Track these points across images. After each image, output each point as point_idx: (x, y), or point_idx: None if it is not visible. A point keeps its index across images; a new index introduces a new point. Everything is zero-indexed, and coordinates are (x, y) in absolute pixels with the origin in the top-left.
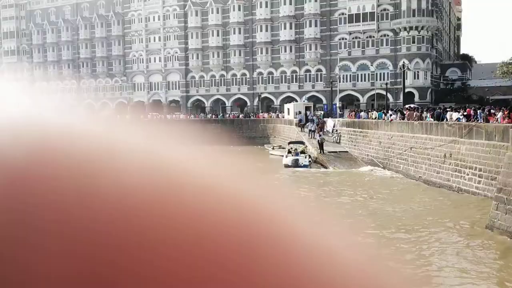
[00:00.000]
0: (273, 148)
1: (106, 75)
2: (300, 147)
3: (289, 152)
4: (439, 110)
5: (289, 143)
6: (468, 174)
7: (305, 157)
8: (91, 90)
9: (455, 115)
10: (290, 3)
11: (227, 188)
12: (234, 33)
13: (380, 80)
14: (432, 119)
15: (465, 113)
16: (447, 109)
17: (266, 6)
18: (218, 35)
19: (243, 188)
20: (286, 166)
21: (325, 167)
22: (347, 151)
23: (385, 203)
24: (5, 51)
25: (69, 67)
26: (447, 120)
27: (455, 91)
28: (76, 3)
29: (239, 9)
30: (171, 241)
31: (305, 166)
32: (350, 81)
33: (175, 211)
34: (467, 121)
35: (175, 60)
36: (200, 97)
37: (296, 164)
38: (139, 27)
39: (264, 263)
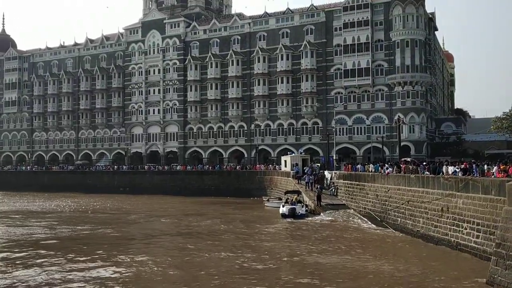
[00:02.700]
0: (268, 200)
1: (105, 126)
2: (294, 196)
3: (286, 201)
4: (435, 164)
5: (286, 192)
6: (466, 229)
7: (302, 206)
8: (89, 141)
9: (451, 168)
10: (287, 59)
11: None
12: (232, 86)
13: (376, 133)
14: (428, 173)
15: (462, 166)
16: (444, 163)
17: (264, 61)
18: (216, 88)
19: None
20: (283, 215)
21: (322, 218)
22: (344, 204)
23: (383, 262)
24: (6, 102)
25: (69, 117)
26: (443, 173)
27: (451, 145)
28: (78, 56)
29: (238, 64)
30: None
31: (302, 215)
32: (346, 134)
33: None
34: (463, 174)
35: (174, 112)
36: (197, 149)
37: (293, 213)
38: (139, 79)
39: None
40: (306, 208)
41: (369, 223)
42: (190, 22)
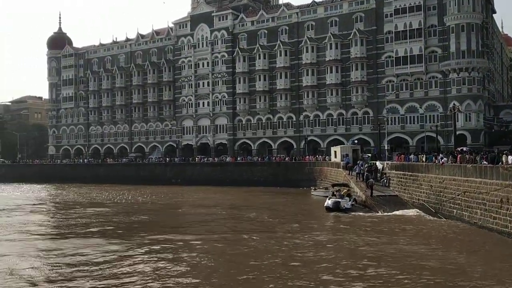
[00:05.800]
0: (314, 189)
1: (156, 119)
2: (344, 190)
3: (333, 194)
4: (493, 153)
5: (333, 185)
6: None
7: (349, 200)
8: (142, 134)
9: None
10: (336, 48)
11: None
12: (281, 77)
13: (430, 122)
14: (486, 163)
15: None
16: (505, 152)
17: (312, 51)
18: (265, 79)
19: None
20: (328, 209)
21: (373, 211)
22: (396, 195)
23: (449, 255)
24: (63, 97)
25: (122, 111)
26: (502, 163)
27: (511, 133)
28: (130, 51)
29: (286, 54)
30: None
31: (347, 209)
32: (398, 124)
33: None
34: None
35: (223, 104)
36: (246, 140)
37: (337, 207)
38: (188, 73)
39: None
40: (353, 202)
41: (427, 215)
42: (238, 14)
